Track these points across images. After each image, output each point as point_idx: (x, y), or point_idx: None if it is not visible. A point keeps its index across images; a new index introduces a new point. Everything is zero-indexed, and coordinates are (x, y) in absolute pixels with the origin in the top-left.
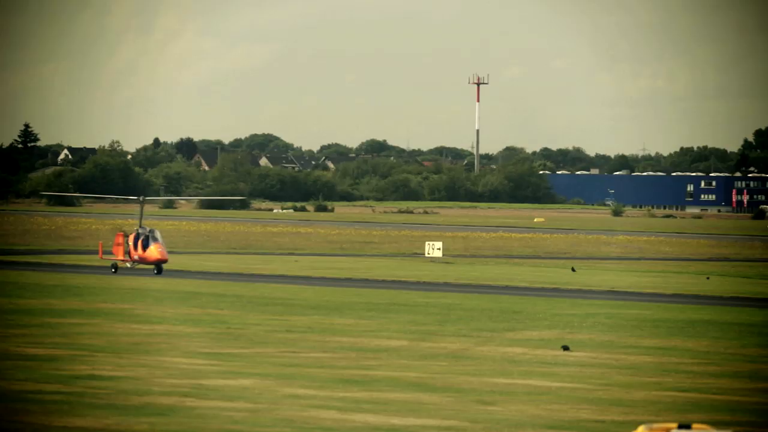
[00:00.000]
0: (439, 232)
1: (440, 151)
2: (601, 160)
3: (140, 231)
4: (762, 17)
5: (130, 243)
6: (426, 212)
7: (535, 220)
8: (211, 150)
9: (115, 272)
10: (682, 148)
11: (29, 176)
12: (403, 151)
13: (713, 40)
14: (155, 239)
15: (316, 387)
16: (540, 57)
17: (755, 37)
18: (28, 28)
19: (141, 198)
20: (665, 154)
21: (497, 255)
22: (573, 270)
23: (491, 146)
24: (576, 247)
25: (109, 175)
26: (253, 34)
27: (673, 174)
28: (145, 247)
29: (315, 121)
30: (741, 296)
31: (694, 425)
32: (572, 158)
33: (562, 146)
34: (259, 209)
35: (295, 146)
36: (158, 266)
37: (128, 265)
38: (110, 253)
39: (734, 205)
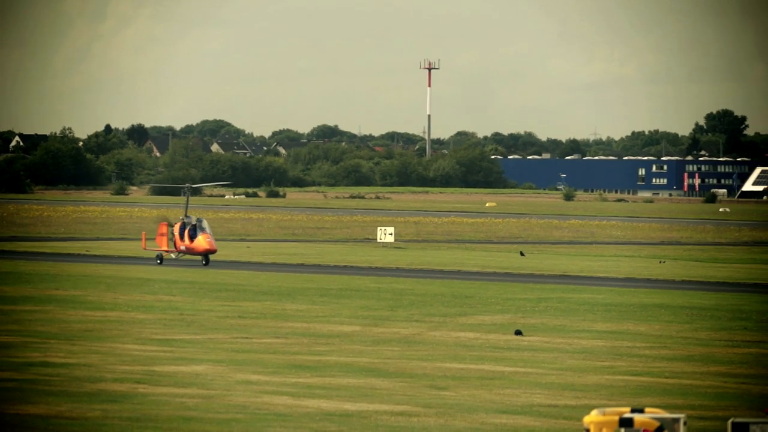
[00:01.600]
0: (391, 218)
1: (392, 137)
2: (552, 145)
3: (186, 220)
4: (712, 1)
5: (176, 233)
6: (378, 197)
7: (487, 204)
8: (163, 136)
9: (160, 263)
10: (633, 133)
11: None
12: (354, 136)
13: (664, 25)
14: (203, 229)
15: (269, 373)
16: (491, 42)
17: (706, 21)
18: None
19: (187, 187)
20: (616, 138)
21: (449, 240)
22: (522, 254)
23: (443, 131)
24: (528, 232)
25: (61, 162)
26: (205, 20)
27: (625, 158)
28: (192, 237)
29: (266, 107)
30: (693, 280)
31: (647, 409)
32: (523, 143)
33: (514, 131)
34: (211, 195)
35: (246, 132)
36: (206, 257)
37: (173, 255)
38: (154, 243)
39: (686, 188)
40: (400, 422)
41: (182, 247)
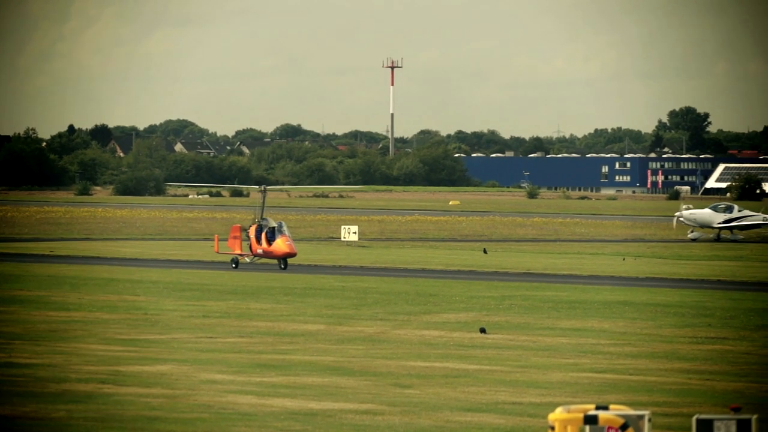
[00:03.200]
0: (355, 216)
1: (355, 135)
2: (515, 143)
3: (263, 222)
4: None
5: (251, 236)
6: (341, 196)
7: (451, 203)
8: (126, 136)
9: (236, 268)
10: (596, 130)
11: None
12: (317, 135)
13: (626, 22)
14: (281, 231)
15: (234, 372)
16: (454, 40)
17: (668, 18)
18: None
19: (263, 187)
20: (579, 135)
21: (413, 238)
22: (485, 252)
23: (406, 130)
24: (492, 230)
25: (24, 163)
26: (168, 19)
27: (588, 155)
28: (270, 240)
29: (230, 107)
30: (656, 277)
31: (612, 406)
32: (487, 141)
33: (477, 129)
34: (175, 195)
35: (210, 132)
36: (285, 261)
37: (247, 260)
38: (226, 246)
39: (649, 186)
40: (365, 421)
41: (259, 251)
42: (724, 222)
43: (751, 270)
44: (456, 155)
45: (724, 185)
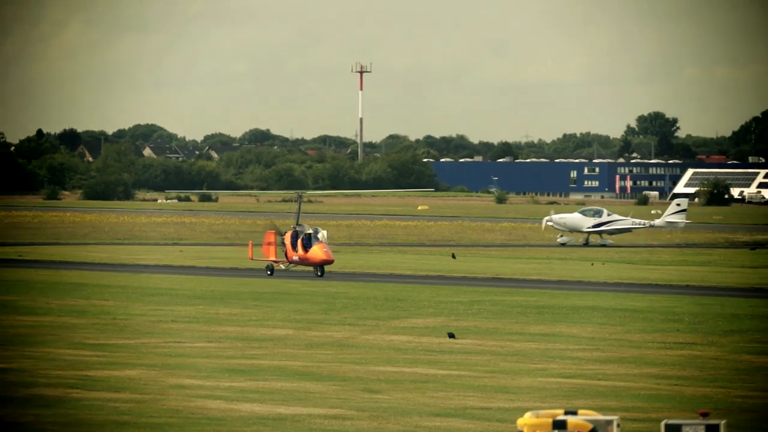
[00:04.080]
0: (324, 221)
1: (324, 140)
2: (484, 148)
3: (298, 229)
4: (644, 4)
5: (287, 242)
6: (310, 201)
7: (419, 207)
8: (95, 141)
9: (271, 275)
10: (565, 135)
11: None
12: (286, 140)
13: (595, 28)
14: (318, 238)
15: (202, 377)
16: (423, 45)
17: (637, 23)
18: None
19: (298, 194)
20: (548, 140)
21: (381, 243)
22: (453, 257)
23: (374, 134)
24: (460, 235)
25: None
26: (137, 24)
27: (557, 160)
28: (306, 247)
29: (198, 111)
30: (625, 282)
31: (580, 411)
32: (456, 146)
33: (446, 134)
34: (144, 199)
35: (178, 136)
36: (321, 268)
37: (282, 267)
38: (260, 253)
39: (618, 191)
40: (333, 425)
41: (295, 258)
42: (594, 226)
43: (720, 275)
44: (425, 160)
45: (692, 190)
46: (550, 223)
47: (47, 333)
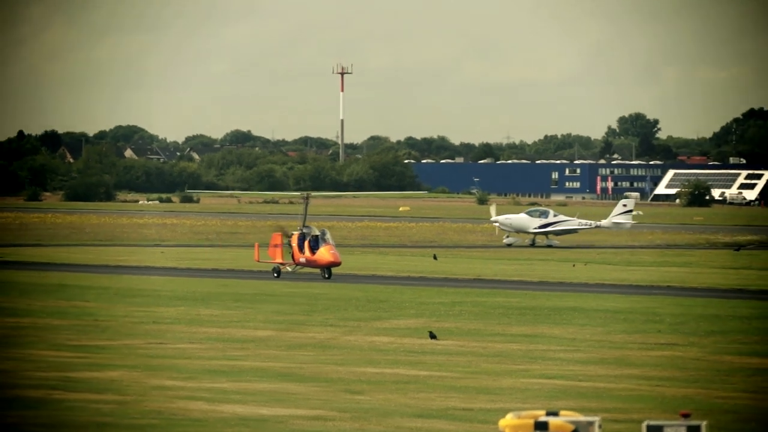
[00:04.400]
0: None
1: (305, 141)
2: (465, 149)
3: (305, 231)
4: (626, 4)
5: (294, 244)
6: (291, 202)
7: (401, 209)
8: (76, 142)
9: (277, 277)
10: (546, 136)
11: None
12: (267, 141)
13: (576, 28)
14: (325, 240)
15: (184, 378)
16: (404, 46)
17: (618, 24)
18: None
19: (305, 195)
20: (529, 142)
21: (363, 244)
22: (435, 258)
23: (356, 136)
24: (442, 236)
25: None
26: (117, 26)
27: (538, 162)
28: (313, 249)
29: (179, 113)
30: (606, 283)
31: (562, 412)
32: (437, 147)
33: (427, 135)
34: (125, 201)
35: (160, 138)
36: (329, 270)
37: (289, 269)
38: (266, 255)
39: (599, 192)
40: (315, 427)
41: (302, 260)
42: (540, 227)
43: (701, 276)
44: (406, 161)
45: (673, 191)
46: (496, 224)
47: (28, 334)
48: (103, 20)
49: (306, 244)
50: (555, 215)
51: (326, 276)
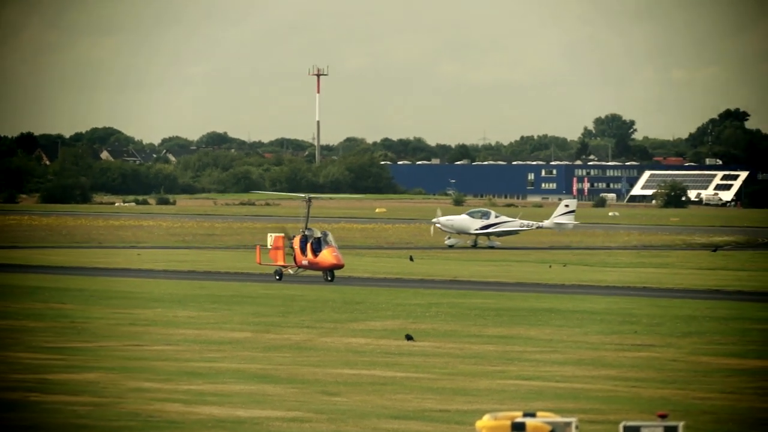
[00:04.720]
0: (282, 224)
1: (281, 143)
2: (441, 150)
3: (307, 233)
4: (601, 5)
5: (296, 246)
6: (268, 204)
7: (377, 210)
8: (52, 144)
9: (279, 279)
10: (522, 137)
11: None
12: (244, 143)
13: (552, 29)
14: (327, 242)
15: (161, 380)
16: (379, 47)
17: (594, 25)
18: None
19: (307, 197)
20: (505, 143)
21: (339, 246)
22: (411, 259)
23: (332, 137)
24: (418, 237)
25: None
26: (94, 27)
27: (514, 163)
28: (316, 251)
29: (155, 114)
30: (583, 284)
31: (539, 413)
32: (413, 148)
33: (403, 136)
34: (101, 203)
35: (136, 140)
36: (332, 273)
37: (291, 271)
38: (268, 257)
39: (575, 193)
40: (292, 428)
41: (304, 262)
42: (481, 228)
43: (677, 277)
44: (382, 163)
45: (649, 192)
46: (438, 225)
47: (5, 336)
48: (79, 22)
49: (308, 246)
50: (496, 216)
51: (329, 278)
